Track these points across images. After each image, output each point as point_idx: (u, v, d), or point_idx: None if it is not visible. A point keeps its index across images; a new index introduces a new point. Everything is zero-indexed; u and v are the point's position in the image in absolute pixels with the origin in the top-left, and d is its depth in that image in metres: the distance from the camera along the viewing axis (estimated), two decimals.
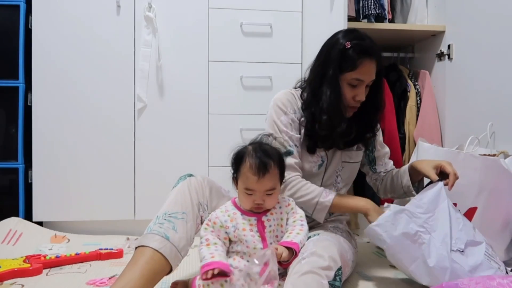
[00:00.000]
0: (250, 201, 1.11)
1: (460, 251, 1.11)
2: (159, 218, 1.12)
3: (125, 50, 1.83)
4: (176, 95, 1.86)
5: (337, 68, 1.27)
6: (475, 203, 1.36)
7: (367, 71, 1.27)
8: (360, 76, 1.26)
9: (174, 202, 1.15)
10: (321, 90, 1.30)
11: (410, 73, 2.23)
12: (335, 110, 1.27)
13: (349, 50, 1.26)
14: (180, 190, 1.18)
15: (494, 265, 1.13)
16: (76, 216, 1.82)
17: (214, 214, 1.13)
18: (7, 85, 1.79)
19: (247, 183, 1.09)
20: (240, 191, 1.13)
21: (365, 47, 1.27)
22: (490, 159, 1.37)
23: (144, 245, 1.06)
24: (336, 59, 1.27)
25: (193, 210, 1.15)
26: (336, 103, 1.27)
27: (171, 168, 1.85)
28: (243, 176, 1.10)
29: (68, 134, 1.81)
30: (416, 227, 1.12)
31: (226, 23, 1.88)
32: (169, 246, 1.06)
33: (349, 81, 1.27)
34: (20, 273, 1.32)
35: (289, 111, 1.33)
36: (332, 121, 1.28)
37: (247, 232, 1.10)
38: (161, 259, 1.05)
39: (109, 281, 1.29)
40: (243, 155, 1.11)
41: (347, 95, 1.28)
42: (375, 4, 2.07)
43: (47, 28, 1.79)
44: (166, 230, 1.08)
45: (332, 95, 1.27)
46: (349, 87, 1.28)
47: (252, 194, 1.10)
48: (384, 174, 1.48)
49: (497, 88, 1.68)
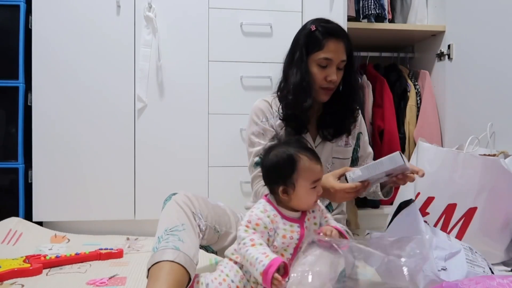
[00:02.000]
0: (315, 196, 1.08)
1: (443, 270, 1.10)
2: (162, 236, 1.09)
3: (125, 50, 1.83)
4: (176, 95, 1.86)
5: (303, 50, 1.32)
6: (475, 203, 1.36)
7: (334, 50, 1.30)
8: (327, 55, 1.30)
9: (170, 219, 1.13)
10: (290, 73, 1.34)
11: (410, 73, 2.23)
12: (300, 88, 1.31)
13: (315, 32, 1.31)
14: (171, 208, 1.16)
15: (478, 270, 1.13)
16: (76, 216, 1.82)
17: (254, 215, 1.06)
18: (7, 85, 1.79)
19: (314, 175, 1.07)
20: (302, 191, 1.07)
21: (330, 28, 1.32)
22: (490, 159, 1.37)
23: (157, 261, 1.03)
24: (303, 42, 1.33)
25: (190, 220, 1.14)
26: (301, 81, 1.31)
27: (171, 168, 1.85)
28: (306, 172, 1.06)
29: (68, 134, 1.81)
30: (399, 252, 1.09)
31: (226, 23, 1.88)
32: (182, 255, 1.04)
33: (318, 61, 1.31)
34: (20, 273, 1.33)
35: (260, 120, 1.37)
36: (297, 99, 1.31)
37: (287, 239, 1.05)
38: (180, 268, 1.03)
39: (109, 281, 1.29)
40: (292, 156, 1.07)
41: (318, 76, 1.31)
42: (375, 4, 2.07)
43: (47, 28, 1.79)
44: (173, 243, 1.06)
45: (298, 75, 1.31)
46: (319, 68, 1.31)
47: (316, 186, 1.08)
48: None
49: (497, 88, 1.68)
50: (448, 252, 1.13)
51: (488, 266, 1.18)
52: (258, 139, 1.35)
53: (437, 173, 1.44)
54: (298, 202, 1.08)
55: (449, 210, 1.41)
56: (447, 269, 1.09)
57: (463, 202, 1.38)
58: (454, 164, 1.40)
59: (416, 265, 1.04)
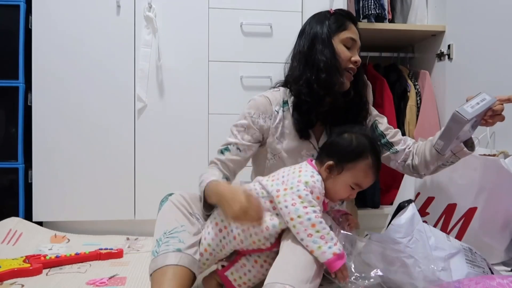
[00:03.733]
0: (347, 194, 1.11)
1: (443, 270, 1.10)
2: (161, 239, 1.08)
3: (125, 50, 1.83)
4: (176, 95, 1.86)
5: (327, 28, 1.27)
6: (475, 203, 1.36)
7: (356, 32, 1.29)
8: (352, 35, 1.27)
9: (168, 221, 1.12)
10: (314, 52, 1.26)
11: (410, 73, 2.23)
12: (333, 67, 1.23)
13: (335, 15, 1.30)
14: (168, 209, 1.14)
15: (478, 270, 1.13)
16: (76, 216, 1.82)
17: (317, 188, 1.06)
18: (7, 85, 1.79)
19: (362, 180, 1.09)
20: (342, 181, 1.09)
21: (349, 13, 1.32)
22: (490, 159, 1.37)
23: (160, 267, 1.02)
24: (324, 23, 1.28)
25: (189, 221, 1.13)
26: (332, 59, 1.24)
27: (171, 168, 1.85)
28: (359, 171, 1.08)
29: (68, 134, 1.81)
30: (398, 253, 1.11)
31: (226, 23, 1.88)
32: (184, 256, 1.04)
33: (344, 40, 1.26)
34: (20, 273, 1.32)
35: (251, 116, 1.28)
36: (331, 78, 1.23)
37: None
38: (184, 270, 1.02)
39: (109, 281, 1.29)
40: (364, 150, 1.09)
41: (344, 55, 1.25)
42: (375, 4, 2.07)
43: (47, 28, 1.79)
44: (174, 245, 1.05)
45: (327, 52, 1.24)
46: (344, 48, 1.26)
47: (355, 189, 1.10)
48: (409, 149, 1.33)
49: (497, 88, 1.67)
50: (448, 253, 1.13)
51: (488, 266, 1.18)
52: (237, 132, 1.27)
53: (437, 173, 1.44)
54: (330, 186, 1.10)
55: (449, 210, 1.41)
56: (447, 270, 1.09)
57: (463, 202, 1.38)
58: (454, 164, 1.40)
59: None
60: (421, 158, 1.27)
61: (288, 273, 0.97)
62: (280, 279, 0.96)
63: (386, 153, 1.34)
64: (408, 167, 1.32)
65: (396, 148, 1.33)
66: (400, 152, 1.32)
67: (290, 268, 0.99)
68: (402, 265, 1.10)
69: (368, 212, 2.05)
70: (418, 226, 1.15)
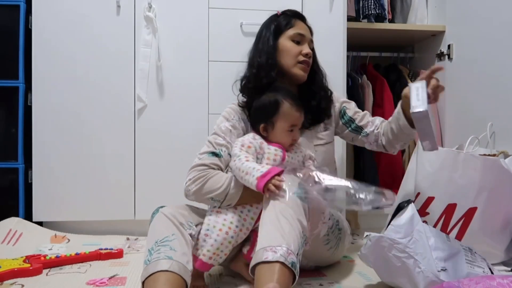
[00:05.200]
0: (290, 138, 1.25)
1: (443, 270, 1.10)
2: (153, 248, 1.08)
3: (125, 50, 1.83)
4: (176, 95, 1.86)
5: (271, 32, 1.38)
6: (475, 203, 1.36)
7: (303, 28, 1.39)
8: (299, 30, 1.38)
9: (159, 231, 1.13)
10: (254, 53, 1.40)
11: (410, 73, 2.24)
12: (265, 63, 1.35)
13: (281, 16, 1.41)
14: (159, 220, 1.16)
15: (478, 270, 1.13)
16: (76, 216, 1.82)
17: (246, 139, 1.24)
18: (7, 85, 1.79)
19: (291, 120, 1.24)
20: (279, 131, 1.24)
21: (295, 12, 1.42)
22: (490, 159, 1.37)
23: (151, 273, 1.02)
24: (270, 27, 1.40)
25: (179, 230, 1.14)
26: (267, 59, 1.35)
27: (171, 168, 1.85)
28: (286, 115, 1.23)
29: (68, 134, 1.81)
30: (398, 253, 1.11)
31: (226, 23, 1.88)
32: (175, 263, 1.04)
33: (292, 36, 1.37)
34: (20, 273, 1.32)
35: (232, 117, 1.35)
36: (259, 72, 1.35)
37: (270, 161, 1.21)
38: (175, 277, 1.02)
39: (109, 281, 1.29)
40: (277, 99, 1.24)
41: (294, 50, 1.36)
42: (375, 4, 2.07)
43: (47, 28, 1.79)
44: (165, 253, 1.06)
45: (263, 55, 1.36)
46: (293, 43, 1.37)
47: (293, 130, 1.25)
48: (377, 130, 1.44)
49: (497, 88, 1.68)
50: (448, 253, 1.13)
51: (488, 267, 1.18)
52: (224, 135, 1.31)
53: (437, 173, 1.44)
54: (275, 139, 1.26)
55: (449, 210, 1.41)
56: (446, 270, 1.09)
57: (463, 202, 1.38)
58: (454, 164, 1.40)
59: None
60: (387, 138, 1.40)
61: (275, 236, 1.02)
62: (272, 242, 1.01)
63: (358, 137, 1.47)
64: (380, 146, 1.45)
65: (366, 131, 1.45)
66: (370, 134, 1.44)
67: (276, 232, 1.03)
68: (402, 266, 1.10)
69: (368, 212, 2.05)
70: (418, 226, 1.15)
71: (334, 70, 1.83)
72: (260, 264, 0.99)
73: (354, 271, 1.41)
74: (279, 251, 0.98)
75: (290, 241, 1.01)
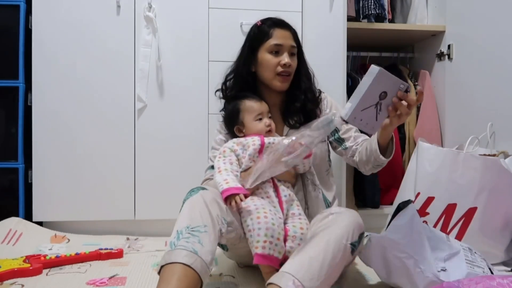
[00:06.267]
0: (262, 125, 1.32)
1: (443, 270, 1.10)
2: (183, 232, 1.06)
3: (125, 50, 1.83)
4: (176, 95, 1.86)
5: (251, 44, 1.42)
6: (475, 203, 1.36)
7: (282, 36, 1.39)
8: (277, 41, 1.38)
9: (194, 215, 1.10)
10: (237, 68, 1.46)
11: (410, 73, 2.24)
12: (241, 72, 1.43)
13: (261, 26, 1.42)
14: (197, 202, 1.13)
15: (478, 270, 1.13)
16: (76, 216, 1.82)
17: (222, 147, 1.31)
18: (7, 85, 1.79)
19: (254, 111, 1.33)
20: (249, 124, 1.34)
21: (275, 21, 1.43)
22: (490, 159, 1.37)
23: (173, 261, 1.01)
24: (250, 39, 1.43)
25: (213, 223, 1.11)
26: (248, 69, 1.41)
27: (171, 168, 1.85)
28: (247, 110, 1.34)
29: (68, 134, 1.81)
30: (398, 253, 1.11)
31: (226, 23, 1.88)
32: (199, 260, 1.02)
33: (269, 48, 1.38)
34: (20, 273, 1.32)
35: (223, 129, 1.44)
36: (236, 79, 1.44)
37: (251, 147, 1.27)
38: (194, 274, 1.00)
39: (109, 281, 1.29)
40: (236, 103, 1.37)
41: (272, 62, 1.37)
42: (375, 4, 2.07)
43: (47, 28, 1.79)
44: (193, 245, 1.04)
45: (245, 66, 1.42)
46: (271, 55, 1.38)
47: (262, 118, 1.33)
48: (356, 147, 1.43)
49: (497, 88, 1.68)
50: (448, 253, 1.13)
51: (488, 267, 1.18)
52: (220, 146, 1.37)
53: (437, 173, 1.44)
54: (251, 131, 1.34)
55: (449, 210, 1.41)
56: (446, 270, 1.09)
57: (463, 202, 1.38)
58: (454, 164, 1.40)
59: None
60: (360, 156, 1.38)
61: (301, 266, 1.03)
62: (291, 270, 1.02)
63: (338, 148, 1.48)
64: (354, 163, 1.44)
65: (346, 145, 1.45)
66: (349, 149, 1.44)
67: (305, 261, 1.04)
68: (402, 266, 1.10)
69: (368, 212, 2.05)
70: (418, 226, 1.15)
71: (334, 70, 1.83)
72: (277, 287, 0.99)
73: (354, 271, 1.41)
74: None
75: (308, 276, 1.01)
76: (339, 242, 1.08)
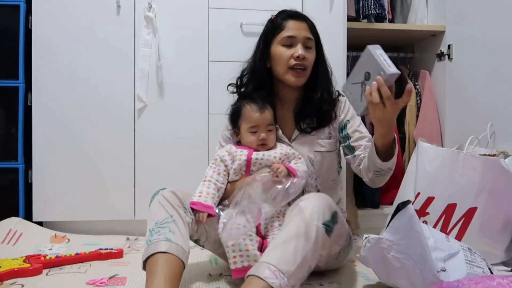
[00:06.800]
0: (254, 139, 1.30)
1: (443, 271, 1.09)
2: (154, 230, 1.14)
3: (125, 50, 1.83)
4: (176, 95, 1.86)
5: (264, 39, 1.40)
6: (475, 203, 1.36)
7: (295, 28, 1.35)
8: (289, 33, 1.34)
9: (159, 212, 1.18)
10: (252, 63, 1.43)
11: (410, 73, 2.24)
12: (256, 68, 1.40)
13: (275, 20, 1.39)
14: (159, 201, 1.20)
15: (478, 270, 1.12)
16: (76, 216, 1.82)
17: (216, 154, 1.34)
18: (7, 85, 1.79)
19: (251, 122, 1.29)
20: (243, 132, 1.32)
21: (289, 13, 1.39)
22: (490, 159, 1.37)
23: (151, 254, 1.09)
24: (264, 33, 1.41)
25: (178, 212, 1.18)
26: (259, 64, 1.39)
27: (171, 168, 1.85)
28: (246, 118, 1.31)
29: (68, 134, 1.81)
30: (397, 254, 1.11)
31: (226, 23, 1.88)
32: (174, 245, 1.10)
33: (281, 41, 1.35)
34: (20, 273, 1.33)
35: (229, 126, 1.43)
36: (251, 76, 1.41)
37: (237, 161, 1.28)
38: (173, 257, 1.08)
39: (109, 281, 1.30)
40: (240, 105, 1.34)
41: (285, 54, 1.34)
42: (375, 4, 2.07)
43: (47, 28, 1.79)
44: (165, 235, 1.12)
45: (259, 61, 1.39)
46: (284, 47, 1.35)
47: (257, 131, 1.30)
48: (364, 155, 1.37)
49: (497, 88, 1.68)
50: (447, 253, 1.13)
51: (488, 267, 1.18)
52: (225, 143, 1.43)
53: (437, 173, 1.44)
54: (243, 141, 1.34)
55: (449, 210, 1.41)
56: (446, 270, 1.09)
57: (463, 202, 1.38)
58: (454, 164, 1.40)
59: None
60: (364, 164, 1.34)
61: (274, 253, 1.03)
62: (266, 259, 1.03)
63: (348, 155, 1.42)
64: (358, 170, 1.39)
65: (355, 153, 1.39)
66: (357, 157, 1.39)
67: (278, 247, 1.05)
68: (401, 267, 1.10)
69: (368, 212, 2.05)
70: (417, 227, 1.15)
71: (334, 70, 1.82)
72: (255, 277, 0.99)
73: (354, 271, 1.41)
74: (280, 281, 0.98)
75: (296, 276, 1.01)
76: (310, 223, 1.07)
